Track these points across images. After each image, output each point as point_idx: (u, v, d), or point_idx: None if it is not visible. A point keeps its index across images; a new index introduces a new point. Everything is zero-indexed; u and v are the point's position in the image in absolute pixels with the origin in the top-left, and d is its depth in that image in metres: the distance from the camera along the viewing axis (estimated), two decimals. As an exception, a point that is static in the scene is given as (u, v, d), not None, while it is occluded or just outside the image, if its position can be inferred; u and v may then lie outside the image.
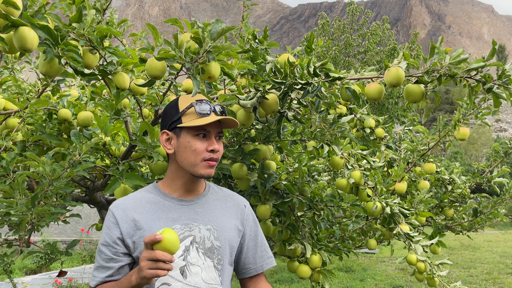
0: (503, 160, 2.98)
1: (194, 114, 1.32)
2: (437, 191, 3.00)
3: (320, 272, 1.97)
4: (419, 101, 1.56)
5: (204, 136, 1.33)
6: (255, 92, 1.63)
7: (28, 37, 1.26)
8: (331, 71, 1.57)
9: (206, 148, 1.32)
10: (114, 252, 1.31)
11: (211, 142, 1.33)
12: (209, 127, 1.33)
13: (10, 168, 1.69)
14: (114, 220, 1.32)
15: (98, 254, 1.33)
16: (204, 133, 1.33)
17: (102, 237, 1.34)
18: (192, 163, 1.33)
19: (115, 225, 1.31)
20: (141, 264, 1.15)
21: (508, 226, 24.81)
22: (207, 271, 1.33)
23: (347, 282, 8.50)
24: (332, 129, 1.70)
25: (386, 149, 3.05)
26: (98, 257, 1.33)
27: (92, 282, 1.33)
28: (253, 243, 1.47)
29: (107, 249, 1.31)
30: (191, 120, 1.32)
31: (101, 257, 1.32)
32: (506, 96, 1.40)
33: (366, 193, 2.02)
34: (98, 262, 1.33)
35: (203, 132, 1.33)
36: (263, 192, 1.96)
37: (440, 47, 1.44)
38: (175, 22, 1.55)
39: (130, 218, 1.31)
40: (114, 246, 1.31)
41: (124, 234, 1.30)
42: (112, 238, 1.31)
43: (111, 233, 1.32)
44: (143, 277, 1.15)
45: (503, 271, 9.82)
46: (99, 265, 1.32)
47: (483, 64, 1.40)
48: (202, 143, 1.32)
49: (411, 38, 9.78)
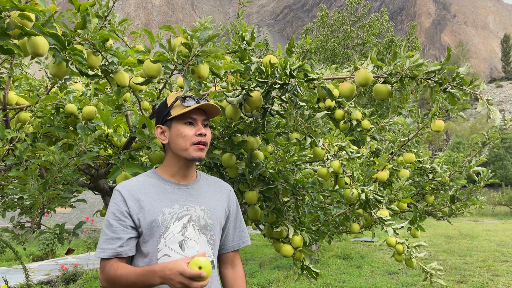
0: (481, 150, 3.17)
1: (180, 106, 1.54)
2: (419, 180, 3.19)
3: (301, 251, 2.18)
4: (386, 99, 1.75)
5: (191, 124, 1.55)
6: (241, 90, 1.83)
7: (40, 44, 1.45)
8: (308, 71, 1.77)
9: (194, 133, 1.54)
10: (124, 224, 1.48)
11: (198, 127, 1.55)
12: (194, 114, 1.55)
13: (23, 157, 1.90)
14: (121, 198, 1.50)
15: (107, 227, 1.49)
16: (191, 121, 1.55)
17: (110, 213, 1.50)
18: (183, 148, 1.54)
19: (122, 202, 1.50)
20: (175, 279, 1.28)
21: (509, 216, 25.01)
22: (201, 245, 1.54)
23: (344, 269, 8.74)
24: (308, 123, 1.90)
25: (372, 140, 3.25)
26: (106, 230, 1.48)
27: (101, 254, 1.46)
28: (233, 224, 1.71)
29: (116, 222, 1.47)
30: (178, 111, 1.54)
31: (110, 229, 1.48)
32: (459, 95, 1.59)
33: (344, 181, 2.22)
34: (107, 235, 1.48)
35: (190, 120, 1.55)
36: (250, 179, 2.16)
37: (402, 52, 1.62)
38: (168, 28, 1.74)
39: (135, 197, 1.51)
40: (123, 219, 1.48)
41: (131, 210, 1.49)
42: (121, 211, 1.48)
43: (120, 208, 1.49)
44: (170, 286, 1.32)
45: (498, 259, 10.03)
46: (109, 237, 1.47)
47: (439, 67, 1.59)
48: (190, 129, 1.54)
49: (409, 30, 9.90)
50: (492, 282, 7.49)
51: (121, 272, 1.42)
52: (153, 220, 1.49)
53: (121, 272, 1.42)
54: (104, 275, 1.46)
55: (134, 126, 2.21)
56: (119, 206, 1.50)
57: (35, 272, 8.17)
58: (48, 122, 2.08)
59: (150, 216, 1.49)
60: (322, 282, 7.45)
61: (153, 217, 1.49)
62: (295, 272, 2.22)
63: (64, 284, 7.46)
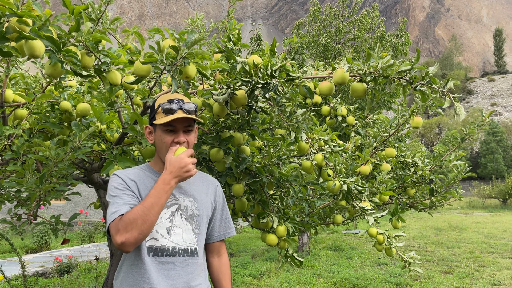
0: (460, 145, 3.31)
1: (162, 113, 1.62)
2: (401, 173, 3.33)
3: (285, 240, 2.31)
4: (362, 97, 1.87)
5: (171, 131, 1.63)
6: (227, 88, 1.94)
7: (36, 47, 1.56)
8: (290, 71, 1.88)
9: (173, 140, 1.63)
10: (129, 192, 1.56)
11: (177, 135, 1.63)
12: (175, 123, 1.62)
13: (20, 152, 2.00)
14: (120, 177, 1.60)
15: (114, 196, 1.54)
16: (171, 128, 1.63)
17: (112, 188, 1.57)
18: (163, 152, 1.65)
19: (122, 179, 1.60)
20: (184, 165, 1.51)
21: (498, 208, 25.40)
22: (186, 233, 1.66)
23: (334, 260, 8.92)
24: (289, 120, 2.02)
25: (356, 135, 3.38)
26: (115, 198, 1.53)
27: (117, 213, 1.48)
28: (220, 216, 1.83)
29: (122, 191, 1.55)
30: (160, 118, 1.63)
31: (117, 197, 1.53)
32: (428, 93, 1.71)
33: (327, 173, 2.35)
34: (116, 203, 1.52)
35: (170, 128, 1.62)
36: (237, 173, 2.28)
37: (375, 53, 1.74)
38: (157, 31, 1.85)
39: (132, 180, 1.62)
40: (127, 187, 1.57)
41: (131, 187, 1.59)
42: (124, 182, 1.58)
43: (121, 182, 1.58)
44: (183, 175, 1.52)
45: (485, 251, 10.26)
46: (119, 203, 1.51)
47: (409, 67, 1.71)
48: (170, 137, 1.63)
49: (399, 25, 10.02)
50: (477, 273, 7.69)
51: (136, 208, 1.47)
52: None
53: (135, 208, 1.47)
54: (121, 227, 1.45)
55: (126, 122, 2.31)
56: (119, 182, 1.59)
57: (30, 264, 8.27)
58: (44, 119, 2.18)
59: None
60: (312, 273, 7.62)
61: None
62: (279, 260, 2.35)
63: (58, 275, 7.57)
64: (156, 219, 1.50)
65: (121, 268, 1.67)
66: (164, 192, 1.51)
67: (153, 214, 1.48)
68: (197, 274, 1.67)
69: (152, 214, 1.48)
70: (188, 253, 1.65)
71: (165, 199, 1.51)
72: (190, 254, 1.65)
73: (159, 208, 1.50)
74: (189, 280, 1.63)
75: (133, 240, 1.45)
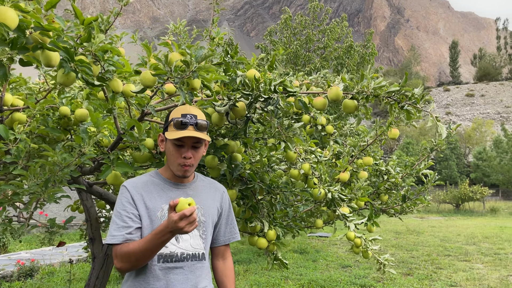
0: (429, 155, 3.57)
1: (173, 127, 1.72)
2: (375, 180, 3.55)
3: (275, 244, 2.45)
4: (353, 112, 2.05)
5: (180, 146, 1.72)
6: (228, 100, 2.06)
7: (52, 57, 1.62)
8: (288, 86, 2.03)
9: (180, 155, 1.72)
10: (132, 213, 1.66)
11: (184, 150, 1.72)
12: (184, 139, 1.71)
13: (21, 156, 2.03)
14: (128, 191, 1.70)
15: (116, 217, 1.66)
16: (180, 143, 1.72)
17: (120, 204, 1.68)
18: (171, 163, 1.76)
19: (129, 194, 1.70)
20: (181, 224, 1.45)
21: (452, 213, 26.67)
22: (194, 239, 1.77)
23: (301, 263, 9.15)
24: (287, 132, 2.16)
25: (334, 144, 3.57)
26: (116, 219, 1.66)
27: (112, 240, 1.63)
28: (225, 221, 1.93)
29: (125, 211, 1.66)
30: (170, 132, 1.72)
31: (120, 218, 1.66)
32: (413, 112, 1.90)
33: (313, 182, 2.51)
34: (116, 224, 1.65)
35: (179, 143, 1.72)
36: (230, 179, 2.40)
37: (368, 74, 1.92)
38: (166, 44, 1.94)
39: (139, 193, 1.71)
40: (131, 208, 1.67)
41: (136, 200, 1.69)
42: (129, 201, 1.68)
43: (128, 198, 1.68)
44: (180, 232, 1.50)
45: (441, 253, 10.82)
46: (118, 226, 1.65)
47: (398, 88, 1.90)
48: (178, 151, 1.72)
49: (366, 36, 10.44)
50: (435, 274, 8.12)
51: (133, 245, 1.60)
52: (153, 214, 1.70)
53: (132, 245, 1.60)
54: (118, 256, 1.62)
55: (122, 128, 2.38)
56: (127, 197, 1.70)
57: (-11, 268, 7.96)
58: (43, 123, 2.22)
59: (151, 211, 1.70)
60: (280, 275, 7.79)
61: (153, 212, 1.70)
62: (268, 262, 2.49)
63: (22, 279, 7.36)
64: (150, 258, 1.63)
65: (129, 276, 1.74)
66: (160, 243, 1.57)
67: (147, 256, 1.61)
68: (203, 277, 1.77)
69: (146, 256, 1.61)
70: (196, 257, 1.76)
71: (159, 247, 1.59)
72: (198, 258, 1.76)
73: (153, 254, 1.62)
74: (196, 283, 1.73)
75: (128, 268, 1.65)
